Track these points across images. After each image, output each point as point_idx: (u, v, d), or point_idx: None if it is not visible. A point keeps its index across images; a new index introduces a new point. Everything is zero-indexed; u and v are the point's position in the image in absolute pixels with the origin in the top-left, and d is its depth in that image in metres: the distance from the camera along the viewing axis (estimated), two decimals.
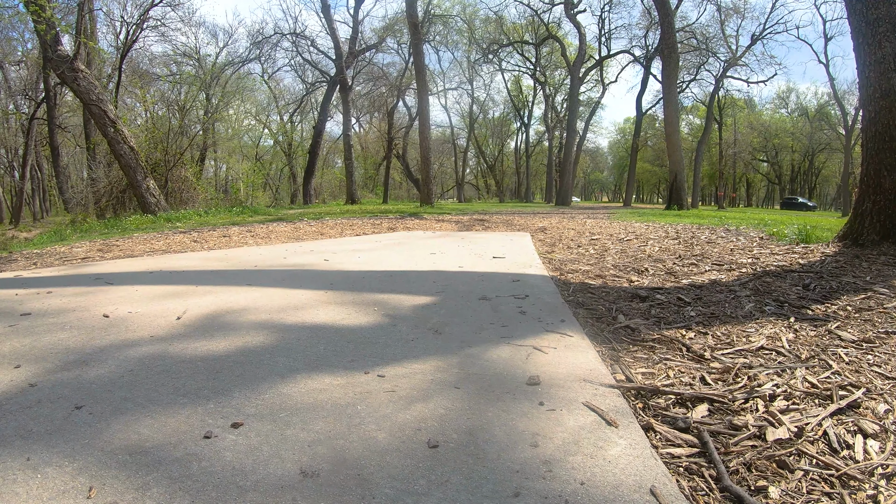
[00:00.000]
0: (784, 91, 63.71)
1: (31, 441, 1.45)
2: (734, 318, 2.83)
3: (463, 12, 41.34)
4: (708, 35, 39.20)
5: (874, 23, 4.76)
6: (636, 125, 42.91)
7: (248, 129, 47.33)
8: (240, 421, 1.56)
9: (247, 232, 8.48)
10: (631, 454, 1.42)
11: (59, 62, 12.38)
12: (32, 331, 2.49)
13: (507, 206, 28.41)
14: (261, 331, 2.50)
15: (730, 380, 1.99)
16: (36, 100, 32.48)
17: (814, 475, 1.39)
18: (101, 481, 1.25)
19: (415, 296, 3.29)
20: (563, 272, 4.39)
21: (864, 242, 4.73)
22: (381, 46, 33.87)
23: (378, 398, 1.74)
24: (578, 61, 36.81)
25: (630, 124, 65.02)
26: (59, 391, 1.78)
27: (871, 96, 4.82)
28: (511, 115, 59.55)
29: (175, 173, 16.98)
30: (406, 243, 6.48)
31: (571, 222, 11.28)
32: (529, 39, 45.00)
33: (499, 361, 2.10)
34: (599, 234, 8.02)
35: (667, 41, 25.47)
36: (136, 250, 6.24)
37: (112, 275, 4.07)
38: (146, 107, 21.56)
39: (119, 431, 1.50)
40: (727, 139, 51.00)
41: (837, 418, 1.68)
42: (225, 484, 1.25)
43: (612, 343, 2.46)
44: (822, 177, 70.94)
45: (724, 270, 4.22)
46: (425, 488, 1.25)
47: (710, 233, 7.56)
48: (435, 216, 13.23)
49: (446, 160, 62.30)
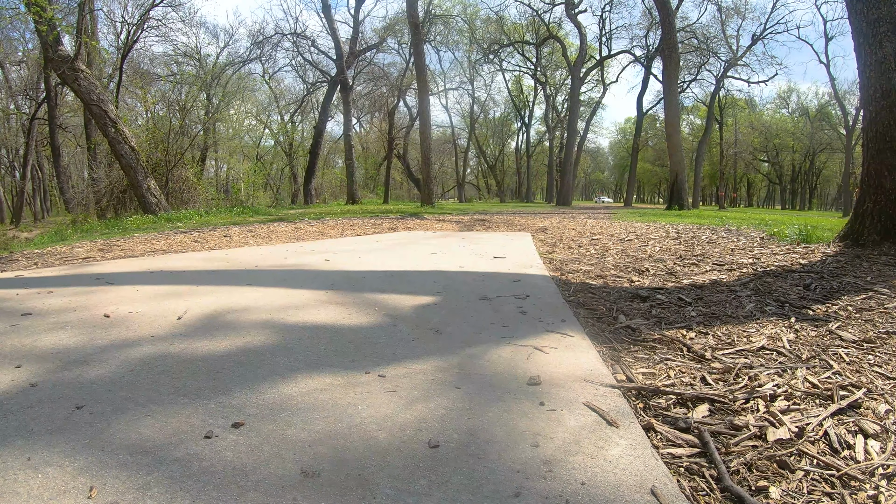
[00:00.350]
0: (785, 91, 63.63)
1: (32, 441, 1.45)
2: (735, 319, 2.82)
3: (464, 12, 41.39)
4: (709, 35, 39.20)
5: (875, 23, 4.75)
6: (637, 125, 42.90)
7: (248, 130, 47.34)
8: (241, 421, 1.56)
9: (247, 232, 8.48)
10: (632, 454, 1.42)
11: (60, 62, 12.38)
12: (33, 331, 2.49)
13: (507, 207, 28.41)
14: (262, 331, 2.50)
15: (731, 380, 1.99)
16: (37, 100, 32.49)
17: (814, 475, 1.39)
18: (101, 481, 1.26)
19: (415, 296, 3.29)
20: (564, 272, 4.39)
21: (864, 242, 4.73)
22: (381, 46, 33.88)
23: (379, 398, 1.74)
24: (579, 61, 36.80)
25: (631, 124, 64.96)
26: (60, 391, 1.78)
27: (871, 96, 4.82)
28: (512, 115, 59.60)
29: (176, 173, 16.97)
30: (407, 243, 6.49)
31: (572, 222, 11.28)
32: (530, 39, 45.01)
33: (499, 361, 2.10)
34: (600, 234, 8.02)
35: (667, 41, 25.46)
36: (137, 250, 6.24)
37: (113, 275, 4.07)
38: (147, 107, 21.60)
39: (120, 431, 1.50)
40: (728, 139, 51.04)
41: (838, 418, 1.68)
42: (226, 484, 1.25)
43: (613, 343, 2.46)
44: (822, 177, 70.92)
45: (725, 270, 4.22)
46: (426, 488, 1.25)
47: (711, 233, 7.56)
48: (436, 216, 13.24)
49: (447, 160, 62.26)
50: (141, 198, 13.21)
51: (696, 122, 60.94)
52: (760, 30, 39.23)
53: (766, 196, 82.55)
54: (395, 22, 34.36)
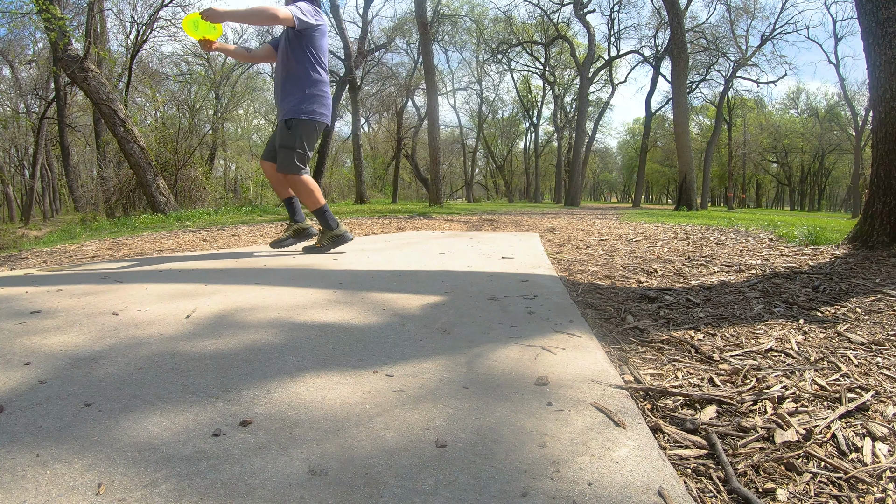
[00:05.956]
0: (794, 91, 63.53)
1: (41, 438, 1.46)
2: (743, 320, 2.82)
3: (472, 12, 41.40)
4: (718, 35, 39.08)
5: (884, 23, 4.72)
6: (645, 125, 42.82)
7: (257, 129, 47.51)
8: (248, 419, 1.57)
9: (256, 231, 8.50)
10: (639, 455, 1.41)
11: (70, 62, 12.45)
12: (42, 328, 2.50)
13: (516, 207, 28.38)
14: (270, 329, 2.51)
15: (738, 381, 1.99)
16: (46, 99, 32.69)
17: (822, 478, 1.38)
18: (110, 478, 1.26)
19: (423, 295, 3.29)
20: (572, 273, 4.38)
21: (874, 244, 4.70)
22: (390, 46, 33.92)
23: (386, 397, 1.75)
24: (588, 61, 36.78)
25: (639, 124, 64.93)
26: (68, 388, 1.79)
27: (881, 97, 4.79)
28: (520, 115, 59.65)
29: (185, 172, 17.05)
30: (415, 243, 6.49)
31: (580, 223, 11.26)
32: (539, 39, 45.02)
33: (507, 361, 2.10)
34: (608, 234, 8.01)
35: (676, 41, 25.42)
36: (146, 249, 6.27)
37: (122, 273, 4.09)
38: (156, 106, 21.70)
39: (128, 429, 1.51)
40: (737, 140, 50.86)
41: (846, 421, 1.67)
42: (233, 482, 1.26)
43: (621, 344, 2.46)
44: (832, 178, 70.68)
45: (734, 272, 4.20)
46: (433, 487, 1.25)
47: (720, 234, 7.54)
48: (444, 216, 13.24)
49: (455, 160, 62.34)
50: (150, 197, 13.26)
51: (704, 123, 60.86)
52: (770, 30, 39.14)
53: (774, 197, 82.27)
54: (404, 22, 34.45)
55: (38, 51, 31.67)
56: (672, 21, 25.57)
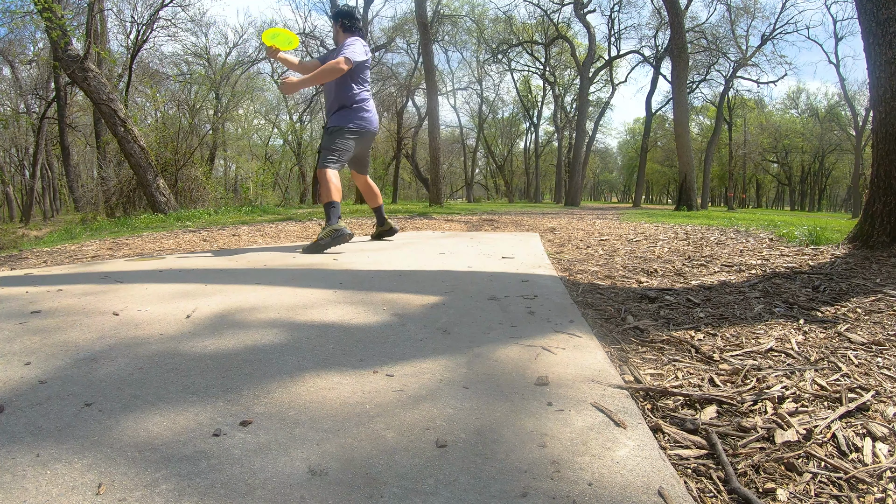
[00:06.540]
0: (794, 91, 63.54)
1: (41, 437, 1.46)
2: (743, 320, 2.82)
3: (472, 12, 41.39)
4: (718, 35, 39.09)
5: (885, 23, 4.72)
6: (646, 125, 42.81)
7: (257, 129, 47.55)
8: (249, 419, 1.57)
9: (256, 231, 8.50)
10: (639, 455, 1.41)
11: (70, 62, 12.45)
12: (42, 328, 2.51)
13: (516, 207, 28.36)
14: (270, 329, 2.51)
15: (739, 381, 1.99)
16: (46, 99, 32.71)
17: (822, 478, 1.38)
18: (110, 478, 1.26)
19: (424, 295, 3.29)
20: (573, 273, 4.38)
21: (874, 244, 4.70)
22: (390, 46, 33.94)
23: (387, 397, 1.75)
24: (588, 61, 36.78)
25: (640, 124, 64.94)
26: (68, 388, 1.79)
27: (881, 97, 4.79)
28: (520, 115, 59.63)
29: (185, 172, 17.04)
30: (415, 243, 6.49)
31: (581, 223, 11.25)
32: (539, 39, 45.01)
33: (507, 361, 2.10)
34: (608, 234, 8.00)
35: (676, 41, 25.40)
36: (146, 249, 6.27)
37: (122, 273, 4.09)
38: (156, 106, 21.68)
39: (128, 428, 1.51)
40: (737, 140, 50.88)
41: (846, 421, 1.68)
42: (233, 481, 1.26)
43: (621, 344, 2.46)
44: (832, 178, 70.68)
45: (734, 272, 4.20)
46: (433, 487, 1.25)
47: (720, 234, 7.53)
48: (444, 216, 13.23)
49: (456, 160, 62.36)
50: (150, 197, 13.26)
51: (705, 123, 60.88)
52: (770, 30, 39.12)
53: (775, 197, 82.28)
54: (404, 22, 34.45)
55: (38, 50, 31.66)
56: (672, 21, 25.55)
